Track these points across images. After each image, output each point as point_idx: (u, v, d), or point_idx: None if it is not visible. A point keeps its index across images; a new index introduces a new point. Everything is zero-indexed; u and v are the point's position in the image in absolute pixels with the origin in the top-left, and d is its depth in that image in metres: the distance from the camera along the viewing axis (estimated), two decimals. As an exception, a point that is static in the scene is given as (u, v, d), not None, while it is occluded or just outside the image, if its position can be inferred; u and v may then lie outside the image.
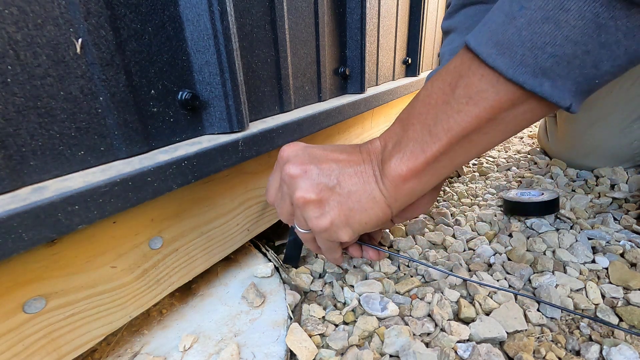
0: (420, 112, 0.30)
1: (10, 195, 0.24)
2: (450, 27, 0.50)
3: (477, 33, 0.26)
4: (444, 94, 0.28)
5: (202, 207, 0.42)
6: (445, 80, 0.28)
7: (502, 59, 0.24)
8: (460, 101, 0.27)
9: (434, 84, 0.29)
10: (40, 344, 0.29)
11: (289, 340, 0.39)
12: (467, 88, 0.27)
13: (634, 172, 0.77)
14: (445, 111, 0.28)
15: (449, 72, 0.28)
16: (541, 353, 0.38)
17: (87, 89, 0.28)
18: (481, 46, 0.25)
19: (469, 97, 0.26)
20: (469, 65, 0.26)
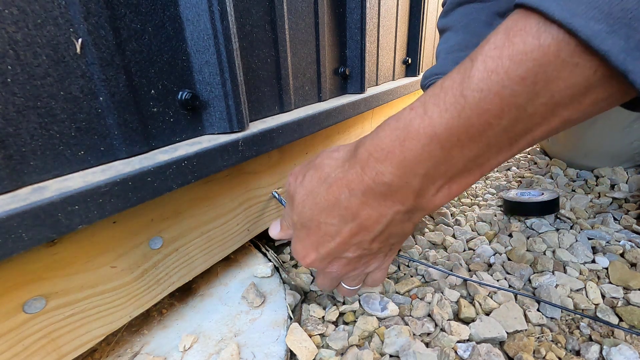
0: (472, 123, 0.21)
1: (10, 195, 0.24)
2: (446, 25, 0.49)
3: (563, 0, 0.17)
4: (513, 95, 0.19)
5: (202, 207, 0.42)
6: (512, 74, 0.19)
7: (613, 40, 0.16)
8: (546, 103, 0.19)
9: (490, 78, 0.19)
10: (40, 344, 0.29)
11: (289, 340, 0.39)
12: (556, 85, 0.18)
13: (634, 172, 0.77)
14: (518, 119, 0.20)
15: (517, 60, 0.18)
16: (541, 353, 0.38)
17: (87, 89, 0.28)
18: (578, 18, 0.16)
19: (550, 96, 0.19)
20: (558, 51, 0.17)
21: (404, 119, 0.23)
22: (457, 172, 0.24)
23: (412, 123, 0.22)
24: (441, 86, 0.22)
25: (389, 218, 0.27)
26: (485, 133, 0.21)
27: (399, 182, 0.24)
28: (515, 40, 0.18)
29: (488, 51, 0.19)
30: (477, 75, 0.20)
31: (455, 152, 0.22)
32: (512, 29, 0.19)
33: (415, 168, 0.23)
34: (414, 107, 0.23)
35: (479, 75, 0.20)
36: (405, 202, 0.25)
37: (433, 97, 0.22)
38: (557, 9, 0.17)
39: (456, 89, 0.21)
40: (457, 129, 0.21)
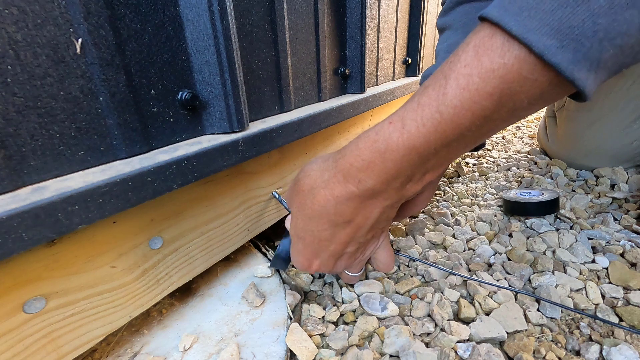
0: (447, 135, 0.23)
1: (10, 195, 0.24)
2: (446, 24, 0.49)
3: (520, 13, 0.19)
4: (483, 109, 0.22)
5: (202, 207, 0.42)
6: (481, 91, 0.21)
7: (563, 54, 0.18)
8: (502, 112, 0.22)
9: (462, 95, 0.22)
10: (41, 344, 0.29)
11: (289, 340, 0.39)
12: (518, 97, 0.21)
13: (634, 172, 0.77)
14: (483, 125, 0.23)
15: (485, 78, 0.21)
16: (541, 353, 0.38)
17: (87, 89, 0.28)
18: (533, 34, 0.18)
19: (512, 106, 0.21)
20: (520, 68, 0.20)
21: (383, 133, 0.26)
22: (432, 169, 0.28)
23: (391, 137, 0.25)
24: (418, 102, 0.24)
25: (377, 213, 0.30)
26: (458, 141, 0.24)
27: (381, 186, 0.27)
28: (483, 60, 0.21)
29: (460, 69, 0.22)
30: (450, 92, 0.22)
31: (431, 157, 0.25)
32: (480, 47, 0.21)
33: (395, 174, 0.26)
34: (392, 122, 0.25)
35: (452, 92, 0.22)
36: (389, 198, 0.29)
37: (411, 112, 0.24)
38: (515, 25, 0.19)
39: (432, 105, 0.23)
40: (434, 141, 0.24)
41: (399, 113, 0.26)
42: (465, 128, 0.23)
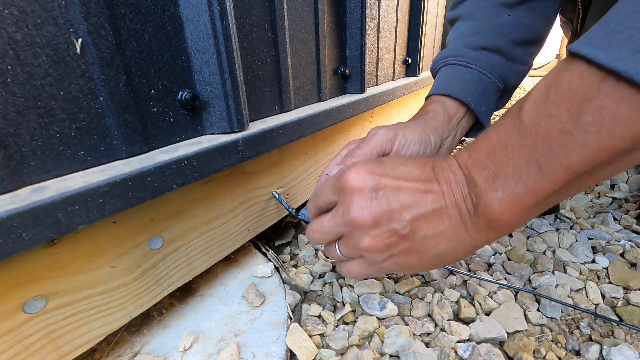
0: (522, 143, 0.24)
1: (10, 195, 0.24)
2: (456, 15, 0.50)
3: (606, 44, 0.21)
4: (559, 122, 0.22)
5: (202, 207, 0.42)
6: (558, 104, 0.23)
7: None
8: (588, 130, 0.22)
9: (539, 108, 0.24)
10: (40, 343, 0.29)
11: (289, 340, 0.39)
12: (598, 114, 0.21)
13: (634, 172, 0.77)
14: (564, 144, 0.23)
15: (562, 94, 0.22)
16: (541, 353, 0.38)
17: (87, 89, 0.28)
18: (620, 61, 0.20)
19: (601, 125, 0.21)
20: (597, 86, 0.21)
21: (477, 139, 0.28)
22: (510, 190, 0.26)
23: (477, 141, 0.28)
24: (503, 115, 0.27)
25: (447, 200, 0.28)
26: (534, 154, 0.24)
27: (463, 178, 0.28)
28: (561, 80, 0.23)
29: (538, 87, 0.24)
30: (527, 106, 0.25)
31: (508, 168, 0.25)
32: (560, 72, 0.23)
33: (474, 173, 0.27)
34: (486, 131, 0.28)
35: (530, 105, 0.24)
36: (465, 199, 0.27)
37: (495, 123, 0.27)
38: (602, 56, 0.21)
39: (511, 116, 0.26)
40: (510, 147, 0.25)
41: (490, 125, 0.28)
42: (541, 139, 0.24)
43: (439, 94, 0.45)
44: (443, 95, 0.44)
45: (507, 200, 0.25)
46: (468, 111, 0.44)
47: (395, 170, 0.29)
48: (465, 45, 0.46)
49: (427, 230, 0.28)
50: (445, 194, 0.28)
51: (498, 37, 0.45)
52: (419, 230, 0.28)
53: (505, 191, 0.25)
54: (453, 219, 0.28)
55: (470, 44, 0.46)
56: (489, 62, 0.45)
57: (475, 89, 0.44)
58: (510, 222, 0.26)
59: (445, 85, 0.45)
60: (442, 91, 0.44)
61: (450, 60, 0.47)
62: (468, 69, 0.45)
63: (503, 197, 0.25)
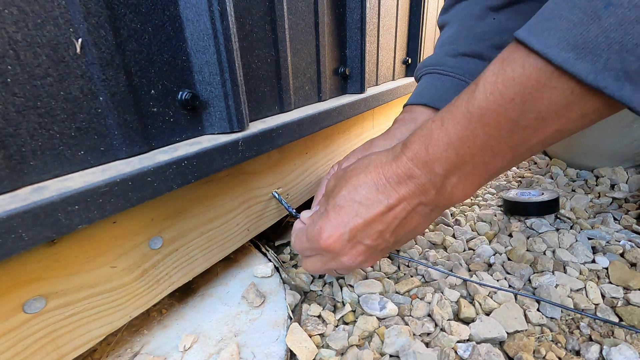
0: (477, 133, 0.26)
1: (10, 195, 0.24)
2: (445, 21, 0.51)
3: (541, 33, 0.22)
4: (507, 112, 0.24)
5: (202, 207, 0.42)
6: (504, 95, 0.24)
7: (582, 64, 0.21)
8: (528, 117, 0.24)
9: (489, 98, 0.25)
10: (40, 344, 0.29)
11: (289, 340, 0.39)
12: (541, 103, 0.23)
13: (634, 172, 0.77)
14: (510, 129, 0.25)
15: (508, 85, 0.24)
16: (541, 353, 0.38)
17: (87, 89, 0.28)
18: (552, 49, 0.21)
19: (538, 112, 0.24)
20: (538, 77, 0.23)
21: (427, 129, 0.30)
22: (466, 169, 0.29)
23: (433, 133, 0.29)
24: (454, 104, 0.28)
25: (412, 206, 0.32)
26: (489, 142, 0.26)
27: (423, 176, 0.30)
28: (507, 69, 0.24)
29: (487, 77, 0.25)
30: (479, 96, 0.26)
31: (466, 155, 0.28)
32: (505, 60, 0.24)
33: (435, 167, 0.29)
34: (435, 120, 0.29)
35: (480, 96, 0.26)
36: (427, 194, 0.31)
37: (448, 112, 0.28)
38: (536, 42, 0.22)
39: (464, 106, 0.27)
40: (467, 139, 0.27)
41: (439, 113, 0.29)
42: (492, 128, 0.26)
43: (413, 104, 0.47)
44: (418, 105, 0.46)
45: (469, 184, 0.30)
46: None
47: (355, 204, 0.33)
48: (446, 53, 0.47)
49: (404, 230, 0.34)
50: (409, 199, 0.32)
51: (479, 43, 0.45)
52: (398, 234, 0.34)
53: (466, 176, 0.29)
54: (421, 212, 0.33)
55: (450, 52, 0.47)
56: (469, 68, 0.45)
57: (453, 96, 0.45)
58: (468, 197, 0.31)
59: (421, 95, 0.46)
60: (418, 101, 0.46)
61: (430, 69, 0.48)
62: (447, 77, 0.46)
63: (465, 182, 0.29)
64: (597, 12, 0.20)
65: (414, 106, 0.46)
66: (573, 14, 0.21)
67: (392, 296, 0.47)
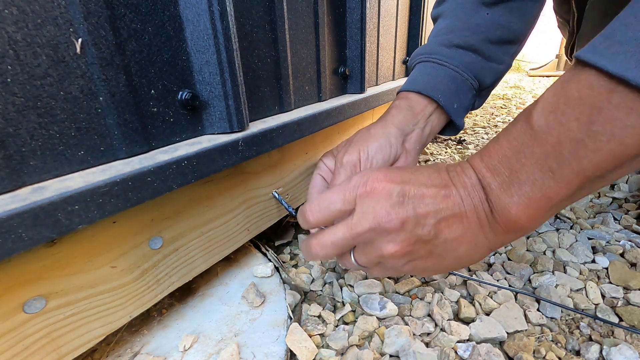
0: (534, 150, 0.25)
1: (10, 195, 0.24)
2: (438, 13, 0.51)
3: (613, 54, 0.21)
4: (569, 130, 0.23)
5: (202, 207, 0.42)
6: (568, 113, 0.23)
7: None
8: (599, 139, 0.22)
9: (549, 116, 0.24)
10: (40, 344, 0.29)
11: (289, 340, 0.39)
12: (608, 124, 0.22)
13: (634, 172, 0.77)
14: (574, 151, 0.23)
15: (572, 102, 0.23)
16: (541, 353, 0.38)
17: (87, 89, 0.28)
18: (629, 71, 0.20)
19: (611, 134, 0.22)
20: (607, 97, 0.22)
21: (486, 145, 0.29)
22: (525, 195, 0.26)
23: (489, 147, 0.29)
24: (511, 123, 0.27)
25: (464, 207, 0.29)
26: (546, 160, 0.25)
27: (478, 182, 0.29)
28: (571, 88, 0.23)
29: (547, 97, 0.25)
30: (536, 114, 0.25)
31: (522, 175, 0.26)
32: (567, 81, 0.24)
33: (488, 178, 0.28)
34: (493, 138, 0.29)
35: (538, 114, 0.25)
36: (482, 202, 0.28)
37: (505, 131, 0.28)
38: (609, 64, 0.21)
39: (521, 124, 0.26)
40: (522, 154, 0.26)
41: (498, 134, 0.29)
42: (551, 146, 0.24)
43: (408, 90, 0.46)
44: (413, 92, 0.45)
45: (523, 205, 0.26)
46: (438, 108, 0.45)
47: (416, 176, 0.30)
48: (440, 42, 0.47)
49: (448, 234, 0.29)
50: (464, 198, 0.28)
51: (473, 36, 0.45)
52: (441, 235, 0.29)
53: (521, 196, 0.26)
54: (472, 222, 0.28)
55: (445, 42, 0.46)
56: (463, 60, 0.45)
57: (447, 87, 0.44)
58: (526, 226, 0.27)
59: (416, 82, 0.45)
60: (412, 87, 0.45)
61: (425, 58, 0.47)
62: (441, 67, 0.46)
63: (519, 202, 0.26)
64: None
65: (409, 93, 0.46)
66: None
67: (392, 296, 0.47)
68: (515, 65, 4.00)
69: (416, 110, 0.44)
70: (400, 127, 0.43)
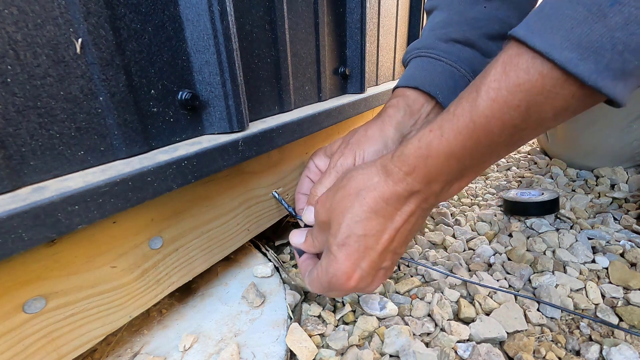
0: (480, 142, 0.26)
1: (10, 195, 0.24)
2: (433, 5, 0.50)
3: (543, 32, 0.21)
4: (512, 119, 0.24)
5: (202, 207, 0.42)
6: (510, 103, 0.24)
7: (585, 65, 0.20)
8: (529, 121, 0.24)
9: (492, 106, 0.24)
10: (40, 344, 0.29)
11: (289, 340, 0.39)
12: (544, 108, 0.23)
13: (634, 172, 0.77)
14: (514, 134, 0.25)
15: (513, 91, 0.23)
16: (541, 353, 0.38)
17: (87, 89, 0.28)
18: (556, 49, 0.21)
19: (538, 115, 0.23)
20: (544, 83, 0.22)
21: (425, 140, 0.28)
22: (467, 174, 0.29)
23: (432, 144, 0.28)
24: (453, 113, 0.27)
25: (417, 215, 0.32)
26: (490, 146, 0.26)
27: (424, 188, 0.30)
28: (510, 74, 0.23)
29: (489, 83, 0.25)
30: (482, 104, 0.25)
31: (467, 162, 0.27)
32: (507, 64, 0.24)
33: (436, 177, 0.29)
34: (432, 130, 0.28)
35: (484, 104, 0.25)
36: (428, 200, 0.31)
37: (447, 121, 0.27)
38: (538, 41, 0.21)
39: (466, 115, 0.26)
40: (470, 148, 0.26)
41: (437, 122, 0.28)
42: (496, 135, 0.25)
43: (405, 86, 0.45)
44: (410, 88, 0.44)
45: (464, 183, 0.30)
46: (437, 105, 0.44)
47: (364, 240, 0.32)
48: (437, 37, 0.46)
49: (411, 236, 0.33)
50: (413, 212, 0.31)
51: (471, 30, 0.44)
52: (408, 241, 0.34)
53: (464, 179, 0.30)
54: (423, 215, 0.33)
55: (442, 36, 0.45)
56: (461, 55, 0.44)
57: (446, 83, 0.43)
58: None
59: (414, 78, 0.44)
60: (410, 83, 0.44)
61: (421, 52, 0.46)
62: (438, 62, 0.44)
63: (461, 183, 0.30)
64: (602, 10, 0.20)
65: (405, 89, 0.45)
66: (577, 12, 0.20)
67: (392, 296, 0.47)
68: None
69: (414, 109, 0.44)
70: (398, 128, 0.42)
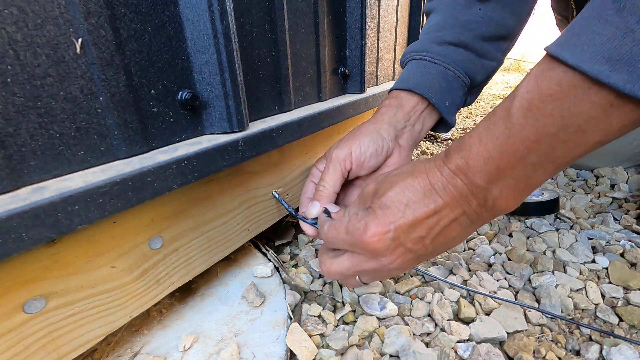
0: (516, 148, 0.27)
1: (10, 195, 0.24)
2: (432, 8, 0.51)
3: (574, 48, 0.23)
4: (545, 126, 0.26)
5: (202, 207, 0.42)
6: (542, 111, 0.25)
7: (618, 75, 0.22)
8: (568, 131, 0.25)
9: (526, 114, 0.26)
10: (40, 343, 0.29)
11: (289, 340, 0.39)
12: (580, 118, 0.24)
13: (634, 172, 0.77)
14: (551, 144, 0.26)
15: (545, 101, 0.25)
16: (541, 353, 0.38)
17: (87, 89, 0.28)
18: (586, 62, 0.22)
19: (577, 125, 0.24)
20: (576, 92, 0.24)
21: (466, 144, 0.30)
22: (510, 186, 0.29)
23: (472, 148, 0.29)
24: (490, 120, 0.29)
25: (455, 214, 0.31)
26: (529, 156, 0.27)
27: (466, 186, 0.30)
28: (542, 86, 0.25)
29: (522, 94, 0.26)
30: (515, 113, 0.27)
31: (507, 171, 0.28)
32: (539, 77, 0.25)
33: (476, 179, 0.29)
34: (472, 136, 0.30)
35: (517, 113, 0.26)
36: (470, 203, 0.31)
37: (485, 129, 0.29)
38: (569, 56, 0.23)
39: (502, 123, 0.27)
40: (506, 153, 0.27)
41: (476, 130, 0.30)
42: (532, 142, 0.26)
43: (399, 89, 0.46)
44: (404, 90, 0.46)
45: (512, 195, 0.29)
46: (430, 106, 0.45)
47: (402, 206, 0.32)
48: (431, 39, 0.47)
49: (443, 239, 0.33)
50: (452, 207, 0.31)
51: (465, 33, 0.45)
52: (437, 243, 0.33)
53: (509, 188, 0.29)
54: (463, 222, 0.32)
55: (436, 39, 0.47)
56: (454, 57, 0.45)
57: (439, 84, 0.45)
58: (512, 208, 0.30)
59: (407, 80, 0.46)
60: (403, 86, 0.46)
61: (416, 55, 0.48)
62: (432, 64, 0.46)
63: (508, 194, 0.29)
64: (630, 27, 0.21)
65: (399, 91, 0.46)
66: (605, 29, 0.22)
67: (392, 296, 0.47)
68: (515, 65, 4.00)
69: (407, 109, 0.45)
70: (391, 123, 0.43)
